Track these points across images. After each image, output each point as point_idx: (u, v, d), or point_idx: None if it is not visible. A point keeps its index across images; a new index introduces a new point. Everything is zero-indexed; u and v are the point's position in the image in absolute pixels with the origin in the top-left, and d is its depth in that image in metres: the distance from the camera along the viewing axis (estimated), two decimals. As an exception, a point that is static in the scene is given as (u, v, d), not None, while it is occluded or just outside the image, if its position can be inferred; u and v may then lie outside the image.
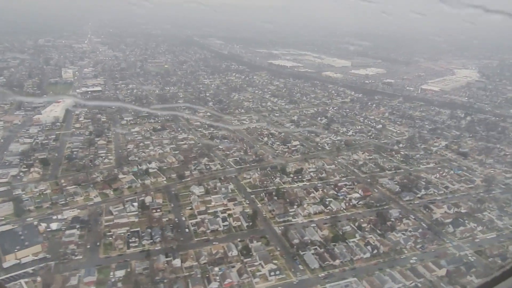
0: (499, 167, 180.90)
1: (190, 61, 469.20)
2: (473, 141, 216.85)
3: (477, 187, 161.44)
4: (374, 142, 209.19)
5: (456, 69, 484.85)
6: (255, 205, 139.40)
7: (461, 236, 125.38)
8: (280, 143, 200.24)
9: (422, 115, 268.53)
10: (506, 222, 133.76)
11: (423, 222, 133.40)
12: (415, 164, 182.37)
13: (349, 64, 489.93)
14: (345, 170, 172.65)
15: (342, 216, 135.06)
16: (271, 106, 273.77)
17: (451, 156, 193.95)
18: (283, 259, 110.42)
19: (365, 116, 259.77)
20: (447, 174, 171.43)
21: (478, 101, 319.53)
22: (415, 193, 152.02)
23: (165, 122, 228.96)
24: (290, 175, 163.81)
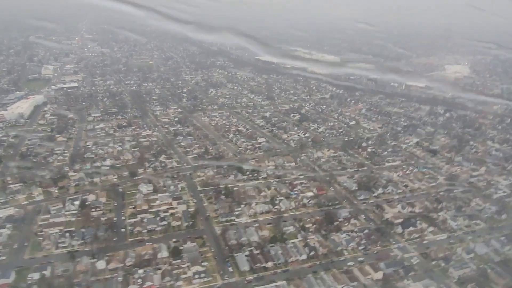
0: (466, 165, 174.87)
1: (176, 57, 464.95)
2: (446, 138, 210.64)
3: (439, 185, 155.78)
4: (343, 139, 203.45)
5: (448, 64, 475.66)
6: (201, 204, 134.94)
7: (409, 237, 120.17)
8: (245, 140, 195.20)
9: (401, 112, 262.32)
10: (460, 223, 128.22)
11: (373, 222, 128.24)
12: (380, 161, 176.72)
13: (338, 60, 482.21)
14: (305, 168, 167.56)
15: (290, 216, 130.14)
16: (246, 103, 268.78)
17: (420, 154, 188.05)
18: (214, 261, 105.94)
19: (341, 112, 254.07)
20: (411, 172, 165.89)
21: (461, 97, 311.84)
22: (372, 192, 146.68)
23: (132, 118, 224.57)
24: (246, 173, 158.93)
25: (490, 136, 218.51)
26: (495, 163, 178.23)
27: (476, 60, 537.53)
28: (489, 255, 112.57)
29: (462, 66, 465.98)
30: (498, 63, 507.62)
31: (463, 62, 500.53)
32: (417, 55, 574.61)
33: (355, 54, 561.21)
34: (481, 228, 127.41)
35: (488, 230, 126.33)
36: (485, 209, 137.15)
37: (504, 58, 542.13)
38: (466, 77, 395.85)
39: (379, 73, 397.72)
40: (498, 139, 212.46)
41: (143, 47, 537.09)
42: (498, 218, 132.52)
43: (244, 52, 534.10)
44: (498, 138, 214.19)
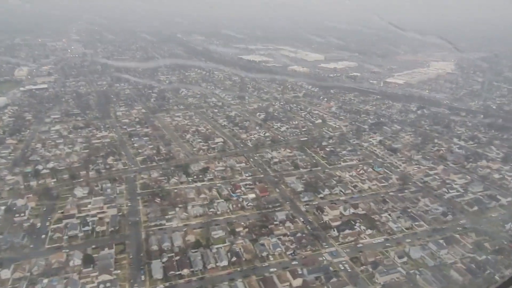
0: (425, 163, 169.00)
1: (158, 57, 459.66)
2: (412, 136, 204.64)
3: (390, 185, 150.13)
4: (304, 138, 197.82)
5: (434, 61, 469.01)
6: (135, 208, 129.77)
7: (343, 240, 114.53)
8: (201, 141, 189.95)
9: (372, 109, 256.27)
10: (401, 225, 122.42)
11: (310, 225, 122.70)
12: (336, 161, 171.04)
13: (322, 58, 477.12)
14: (255, 169, 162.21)
15: (225, 219, 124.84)
16: (215, 102, 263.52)
17: (380, 152, 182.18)
18: (129, 269, 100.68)
19: (310, 110, 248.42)
20: (365, 172, 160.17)
21: (439, 94, 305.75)
22: (318, 193, 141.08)
23: (92, 119, 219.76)
24: (193, 174, 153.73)
25: (458, 133, 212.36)
26: (455, 161, 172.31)
27: (464, 56, 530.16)
28: (423, 259, 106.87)
29: (448, 62, 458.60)
30: (486, 58, 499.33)
31: (450, 59, 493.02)
32: (405, 52, 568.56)
33: (343, 51, 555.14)
34: (423, 230, 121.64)
35: (430, 232, 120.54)
36: (432, 210, 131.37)
37: (493, 55, 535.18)
38: (449, 74, 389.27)
39: (360, 70, 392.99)
40: (465, 136, 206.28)
41: (128, 48, 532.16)
42: (443, 219, 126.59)
43: (229, 52, 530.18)
44: (465, 135, 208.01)
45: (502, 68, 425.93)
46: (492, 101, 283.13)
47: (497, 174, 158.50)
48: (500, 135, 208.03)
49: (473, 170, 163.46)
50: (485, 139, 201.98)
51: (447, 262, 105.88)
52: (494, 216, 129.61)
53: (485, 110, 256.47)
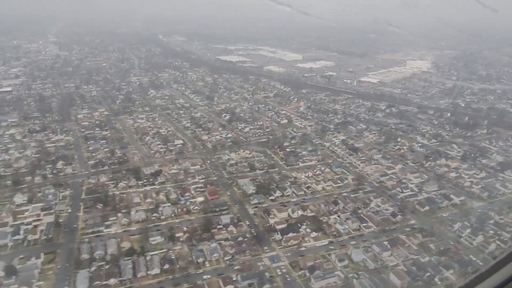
0: (384, 163, 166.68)
1: (133, 58, 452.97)
2: (375, 135, 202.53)
3: (345, 186, 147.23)
4: (266, 139, 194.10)
5: (411, 60, 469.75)
6: (75, 214, 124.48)
7: (286, 244, 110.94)
8: (160, 143, 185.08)
9: (341, 108, 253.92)
10: (348, 227, 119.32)
11: (255, 228, 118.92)
12: (294, 162, 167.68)
13: (300, 58, 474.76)
14: (210, 171, 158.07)
15: (167, 224, 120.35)
16: (182, 103, 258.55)
17: (340, 152, 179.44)
18: (55, 280, 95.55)
19: (277, 111, 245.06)
20: (322, 173, 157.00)
21: (411, 92, 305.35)
22: (269, 195, 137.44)
23: (50, 123, 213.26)
24: (144, 178, 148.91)
25: (423, 131, 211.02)
26: (414, 160, 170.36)
27: (443, 54, 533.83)
28: (365, 262, 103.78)
29: (424, 61, 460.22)
30: (464, 57, 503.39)
31: (427, 58, 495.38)
32: (385, 51, 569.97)
33: (323, 51, 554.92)
34: (370, 232, 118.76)
35: (377, 234, 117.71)
36: (382, 210, 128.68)
37: (470, 53, 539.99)
38: (424, 72, 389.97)
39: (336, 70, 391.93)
40: (429, 134, 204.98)
41: (105, 49, 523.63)
42: (393, 220, 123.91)
43: (207, 52, 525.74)
44: (429, 133, 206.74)
45: (477, 67, 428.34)
46: (462, 99, 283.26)
47: (454, 173, 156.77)
48: (464, 133, 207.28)
49: (431, 169, 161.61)
50: (448, 137, 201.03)
51: (389, 264, 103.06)
52: (444, 216, 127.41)
53: (453, 108, 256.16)
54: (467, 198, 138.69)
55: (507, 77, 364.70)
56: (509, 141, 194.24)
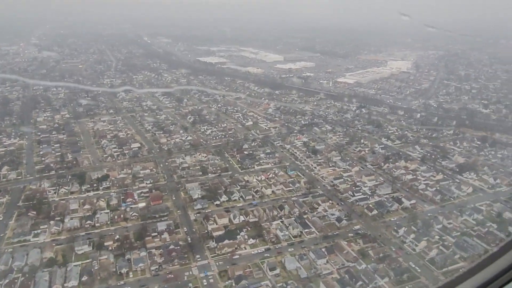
0: (341, 165, 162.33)
1: (112, 60, 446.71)
2: (339, 136, 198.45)
3: (296, 189, 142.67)
4: (227, 141, 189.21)
5: (392, 60, 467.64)
6: (4, 223, 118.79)
7: (220, 252, 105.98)
8: (116, 146, 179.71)
9: (311, 110, 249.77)
10: (289, 233, 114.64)
11: (193, 235, 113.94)
12: (250, 165, 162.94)
13: (281, 59, 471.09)
14: (160, 175, 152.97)
15: (100, 232, 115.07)
16: (150, 106, 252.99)
17: (299, 154, 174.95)
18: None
19: (245, 112, 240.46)
20: (276, 176, 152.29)
21: (385, 92, 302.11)
22: (215, 200, 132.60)
23: (7, 126, 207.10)
24: (89, 183, 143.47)
25: (390, 132, 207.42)
26: (373, 162, 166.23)
27: (426, 55, 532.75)
28: (298, 270, 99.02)
29: (406, 61, 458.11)
30: (445, 57, 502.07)
31: (409, 58, 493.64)
32: (368, 51, 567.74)
33: (306, 52, 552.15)
34: (311, 238, 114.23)
35: (319, 240, 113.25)
36: (328, 215, 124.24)
37: (454, 53, 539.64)
38: (403, 72, 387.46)
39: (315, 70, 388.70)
40: (394, 135, 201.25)
41: (85, 51, 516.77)
42: (337, 225, 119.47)
43: (189, 54, 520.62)
44: (395, 135, 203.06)
45: (458, 66, 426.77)
46: (435, 99, 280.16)
47: (411, 175, 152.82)
48: (430, 134, 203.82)
49: (388, 171, 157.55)
50: (413, 138, 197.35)
51: (322, 273, 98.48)
52: (392, 220, 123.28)
53: (424, 109, 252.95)
54: (419, 202, 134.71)
55: (485, 77, 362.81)
56: (474, 142, 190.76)
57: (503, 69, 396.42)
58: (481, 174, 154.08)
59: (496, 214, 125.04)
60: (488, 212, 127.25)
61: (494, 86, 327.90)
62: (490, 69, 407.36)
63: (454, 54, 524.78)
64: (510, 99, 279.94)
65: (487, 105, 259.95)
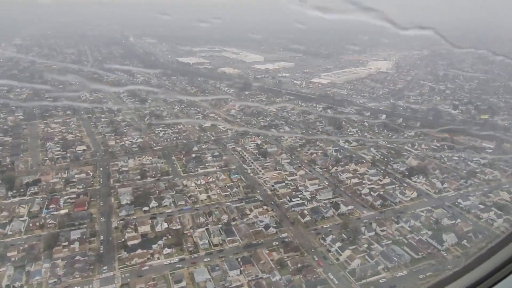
0: (288, 168, 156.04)
1: (89, 60, 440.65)
2: (295, 138, 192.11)
3: (234, 194, 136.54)
4: (178, 144, 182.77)
5: (374, 60, 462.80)
6: None
7: (130, 263, 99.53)
8: (60, 149, 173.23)
9: (275, 111, 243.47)
10: (209, 241, 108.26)
11: (106, 245, 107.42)
12: (193, 168, 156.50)
13: (262, 59, 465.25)
14: (96, 180, 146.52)
15: (12, 241, 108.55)
16: (109, 106, 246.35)
17: (248, 157, 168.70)
18: None
19: (207, 113, 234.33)
20: (217, 180, 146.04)
21: (358, 93, 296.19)
22: (143, 206, 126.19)
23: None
24: (16, 188, 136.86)
25: (350, 133, 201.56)
26: (322, 165, 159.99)
27: (411, 55, 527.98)
28: (207, 282, 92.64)
29: (387, 61, 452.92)
30: (431, 57, 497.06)
31: (392, 58, 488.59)
32: (353, 52, 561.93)
33: (290, 52, 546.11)
34: (233, 247, 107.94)
35: (240, 249, 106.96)
36: (257, 222, 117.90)
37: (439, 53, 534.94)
38: (381, 72, 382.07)
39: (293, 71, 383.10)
40: (354, 137, 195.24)
41: (66, 51, 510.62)
42: (264, 233, 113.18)
43: (170, 54, 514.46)
44: (354, 136, 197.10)
45: (439, 66, 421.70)
46: (406, 99, 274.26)
47: (357, 179, 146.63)
48: (390, 136, 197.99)
49: (335, 174, 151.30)
50: (371, 140, 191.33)
51: (231, 285, 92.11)
52: (324, 228, 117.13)
53: (391, 110, 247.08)
54: (358, 207, 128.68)
55: (463, 77, 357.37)
56: (433, 144, 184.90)
57: (483, 69, 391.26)
58: (431, 177, 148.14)
59: (434, 220, 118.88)
60: (427, 218, 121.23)
61: (470, 86, 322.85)
62: (471, 69, 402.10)
63: (439, 54, 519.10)
64: (482, 99, 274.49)
65: (457, 106, 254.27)
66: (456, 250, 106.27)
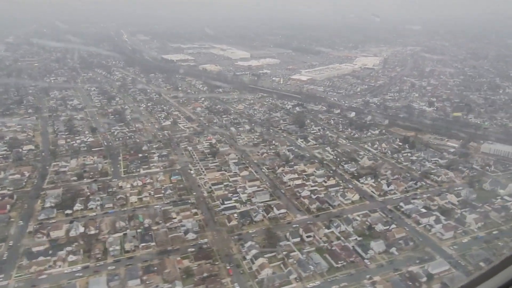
0: (233, 169, 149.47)
1: (73, 58, 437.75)
2: (253, 137, 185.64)
3: (167, 197, 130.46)
4: (130, 143, 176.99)
5: (363, 56, 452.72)
6: None
7: (28, 271, 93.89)
8: (6, 149, 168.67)
9: (243, 108, 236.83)
10: (121, 248, 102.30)
11: (11, 251, 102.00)
12: (135, 169, 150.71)
13: (248, 56, 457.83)
14: (30, 181, 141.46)
15: None
16: (74, 105, 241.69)
17: (197, 157, 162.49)
18: None
19: (172, 111, 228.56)
20: (155, 181, 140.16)
21: (334, 90, 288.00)
22: (67, 209, 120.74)
23: None
24: None
25: (312, 132, 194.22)
26: (270, 165, 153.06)
27: (402, 50, 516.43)
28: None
29: (375, 57, 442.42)
30: (420, 53, 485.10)
31: (382, 54, 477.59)
32: (345, 47, 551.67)
33: (280, 48, 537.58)
34: (146, 253, 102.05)
35: (153, 255, 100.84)
36: (179, 227, 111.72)
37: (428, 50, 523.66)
38: (366, 69, 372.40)
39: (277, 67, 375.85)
40: (315, 136, 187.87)
41: (53, 49, 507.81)
42: (183, 238, 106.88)
43: (158, 51, 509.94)
44: (316, 135, 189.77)
45: (428, 62, 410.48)
46: (382, 96, 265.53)
47: (301, 180, 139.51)
48: (352, 134, 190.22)
49: (280, 175, 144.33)
50: (331, 139, 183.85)
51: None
52: (249, 233, 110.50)
53: (363, 107, 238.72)
54: (293, 211, 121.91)
55: (449, 73, 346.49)
56: (394, 143, 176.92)
57: (471, 65, 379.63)
58: (381, 179, 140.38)
59: (367, 226, 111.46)
60: (361, 223, 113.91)
61: (454, 82, 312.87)
62: (460, 65, 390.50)
63: (431, 50, 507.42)
64: (462, 96, 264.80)
65: (433, 103, 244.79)
66: (382, 258, 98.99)
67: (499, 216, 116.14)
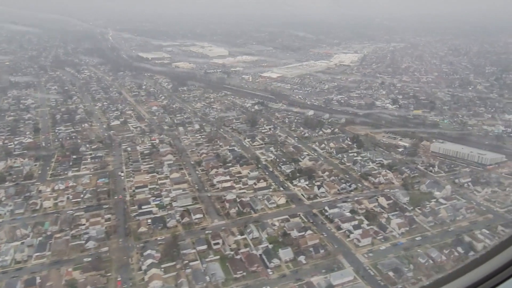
0: (165, 171, 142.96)
1: (48, 56, 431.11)
2: (198, 137, 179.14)
3: (85, 201, 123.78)
4: (63, 144, 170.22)
5: (343, 53, 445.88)
6: None
7: None
8: None
9: (200, 107, 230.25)
10: (10, 258, 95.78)
11: None
12: (63, 171, 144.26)
13: (226, 53, 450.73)
14: None
15: None
16: (28, 104, 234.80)
17: (133, 158, 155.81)
18: None
19: (126, 111, 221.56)
20: (79, 184, 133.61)
21: (300, 88, 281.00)
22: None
23: None
24: None
25: (263, 131, 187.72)
26: (205, 166, 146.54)
27: (384, 47, 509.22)
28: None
29: (354, 54, 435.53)
30: (399, 51, 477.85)
31: (363, 50, 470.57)
32: (328, 44, 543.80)
33: (262, 46, 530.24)
34: (37, 264, 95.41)
35: (44, 266, 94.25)
36: (83, 234, 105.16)
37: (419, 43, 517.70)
38: (342, 66, 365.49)
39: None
40: (263, 135, 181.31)
41: (31, 48, 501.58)
42: (84, 247, 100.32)
43: (137, 49, 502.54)
44: (266, 134, 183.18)
45: (407, 59, 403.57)
46: (347, 94, 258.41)
47: (231, 183, 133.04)
48: (303, 134, 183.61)
49: (211, 177, 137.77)
50: (279, 139, 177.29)
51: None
52: (156, 240, 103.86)
53: (324, 105, 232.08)
54: (212, 215, 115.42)
55: (425, 70, 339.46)
56: (344, 143, 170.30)
57: (449, 61, 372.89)
58: (316, 181, 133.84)
59: (282, 232, 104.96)
60: (278, 229, 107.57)
61: (427, 79, 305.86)
62: (437, 62, 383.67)
63: (414, 46, 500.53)
64: (429, 93, 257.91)
65: (397, 100, 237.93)
66: (287, 267, 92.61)
67: (426, 221, 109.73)
